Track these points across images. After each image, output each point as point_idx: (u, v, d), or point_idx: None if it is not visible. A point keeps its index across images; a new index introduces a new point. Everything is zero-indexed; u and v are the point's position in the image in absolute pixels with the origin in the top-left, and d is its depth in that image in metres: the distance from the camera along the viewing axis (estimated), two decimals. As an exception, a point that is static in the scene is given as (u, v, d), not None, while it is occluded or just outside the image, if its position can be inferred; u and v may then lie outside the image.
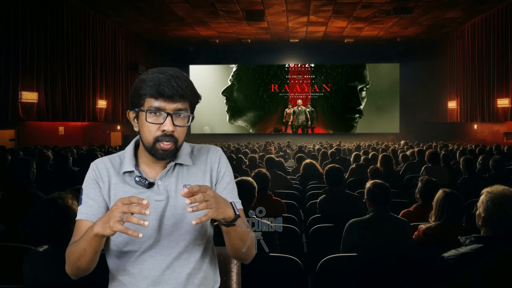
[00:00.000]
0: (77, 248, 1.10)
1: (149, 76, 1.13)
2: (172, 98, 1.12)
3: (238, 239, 1.16)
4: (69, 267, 1.15)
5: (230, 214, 1.07)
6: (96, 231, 1.01)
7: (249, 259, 1.26)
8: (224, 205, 1.05)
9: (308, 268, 2.54)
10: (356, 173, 5.28)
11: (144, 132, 1.16)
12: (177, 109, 1.14)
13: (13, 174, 3.32)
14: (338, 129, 19.14)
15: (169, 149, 1.15)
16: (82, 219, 1.18)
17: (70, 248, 1.15)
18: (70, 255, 1.14)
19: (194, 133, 18.49)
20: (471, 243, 1.71)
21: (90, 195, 1.20)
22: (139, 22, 13.72)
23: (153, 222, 1.19)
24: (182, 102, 1.14)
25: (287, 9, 12.10)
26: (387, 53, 18.04)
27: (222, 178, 1.29)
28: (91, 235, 1.03)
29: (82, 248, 1.08)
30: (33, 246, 1.96)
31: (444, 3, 11.44)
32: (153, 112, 1.13)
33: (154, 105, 1.12)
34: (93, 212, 1.18)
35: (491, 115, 12.44)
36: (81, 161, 6.23)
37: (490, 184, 1.80)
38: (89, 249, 1.07)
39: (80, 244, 1.09)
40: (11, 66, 9.06)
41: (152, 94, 1.12)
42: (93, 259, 1.11)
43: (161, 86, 1.11)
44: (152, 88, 1.12)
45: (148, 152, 1.18)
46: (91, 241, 1.05)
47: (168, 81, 1.11)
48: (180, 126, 1.16)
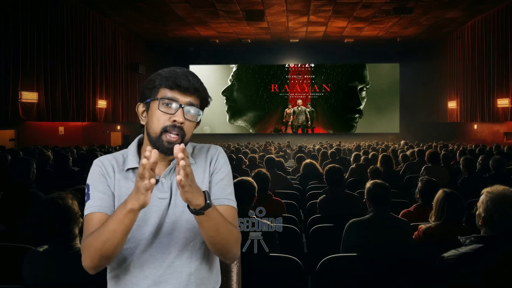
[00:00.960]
0: (104, 231, 1.05)
1: (165, 70, 1.18)
2: (187, 91, 1.15)
3: (212, 230, 1.11)
4: (90, 258, 1.09)
5: (199, 202, 1.02)
6: (132, 206, 0.99)
7: (230, 257, 1.21)
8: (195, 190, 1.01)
9: (308, 268, 2.54)
10: (356, 173, 5.28)
11: (153, 122, 1.16)
12: (189, 103, 1.16)
13: (13, 174, 3.32)
14: (338, 129, 19.15)
15: (175, 142, 1.15)
16: (95, 212, 1.16)
17: (90, 237, 1.10)
18: (92, 242, 1.08)
19: (194, 133, 18.06)
20: (471, 243, 1.71)
21: (99, 188, 1.19)
22: (139, 22, 13.72)
23: (154, 220, 1.19)
24: (195, 97, 1.17)
25: (287, 9, 12.10)
26: (387, 53, 18.05)
27: (217, 173, 1.27)
28: (124, 212, 1.01)
29: (111, 230, 1.04)
30: (33, 246, 1.96)
31: (444, 3, 11.44)
32: (166, 102, 1.15)
33: (168, 95, 1.15)
34: (105, 204, 1.17)
35: (491, 115, 12.44)
36: (81, 161, 6.24)
37: (490, 184, 1.81)
38: (121, 228, 1.03)
39: (108, 226, 1.05)
40: (11, 66, 9.06)
41: (168, 85, 1.15)
42: (122, 241, 1.06)
43: (178, 78, 1.15)
44: (168, 80, 1.15)
45: (153, 144, 1.17)
46: (123, 219, 1.02)
47: (185, 75, 1.16)
48: (190, 121, 1.18)
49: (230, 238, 1.15)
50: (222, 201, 1.24)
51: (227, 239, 1.15)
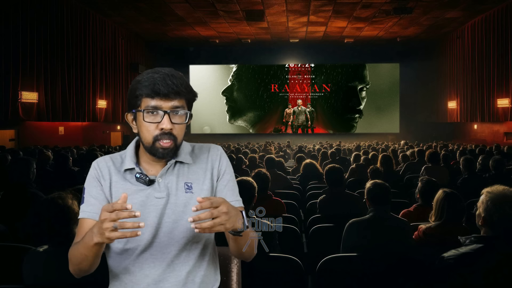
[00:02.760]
0: (78, 253, 1.10)
1: (144, 77, 1.15)
2: (168, 96, 1.13)
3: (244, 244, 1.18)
4: (72, 268, 1.16)
5: (239, 225, 1.07)
6: (96, 240, 1.00)
7: (251, 257, 1.28)
8: (235, 217, 1.05)
9: (308, 268, 2.54)
10: (356, 173, 5.28)
11: (143, 133, 1.17)
12: (173, 107, 1.15)
13: (13, 174, 3.32)
14: (338, 129, 19.14)
15: (169, 147, 1.16)
16: (85, 218, 1.19)
17: (72, 249, 1.15)
18: (72, 257, 1.14)
19: (194, 133, 18.48)
20: (471, 243, 1.71)
21: (92, 193, 1.21)
22: (139, 22, 13.72)
23: (153, 220, 1.19)
24: (178, 100, 1.15)
25: (287, 9, 12.10)
26: (387, 53, 18.04)
27: (223, 176, 1.29)
28: (91, 243, 1.02)
29: (83, 253, 1.08)
30: (33, 246, 1.96)
31: (444, 3, 11.44)
32: (150, 111, 1.14)
33: (150, 104, 1.14)
34: (95, 211, 1.19)
35: (491, 115, 12.44)
36: (81, 161, 6.23)
37: (490, 184, 1.80)
38: (90, 255, 1.08)
39: (81, 250, 1.09)
40: (11, 66, 9.06)
41: (148, 94, 1.13)
42: (94, 262, 1.12)
43: (156, 85, 1.12)
44: (147, 88, 1.13)
45: (149, 152, 1.19)
46: (91, 249, 1.05)
47: (163, 79, 1.12)
48: (178, 124, 1.16)
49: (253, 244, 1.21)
50: (234, 203, 1.26)
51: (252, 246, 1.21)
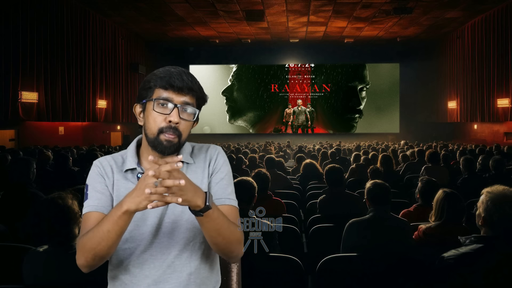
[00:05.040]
0: (98, 231, 1.05)
1: (160, 70, 1.18)
2: (182, 90, 1.15)
3: (213, 231, 1.11)
4: (84, 257, 1.09)
5: (198, 203, 1.03)
6: (127, 207, 0.99)
7: (234, 256, 1.22)
8: (193, 192, 1.01)
9: (308, 268, 2.54)
10: (356, 173, 5.28)
11: (150, 123, 1.17)
12: (184, 102, 1.16)
13: (13, 174, 3.32)
14: (338, 129, 19.14)
15: (173, 141, 1.15)
16: (92, 211, 1.17)
17: (85, 237, 1.10)
18: (87, 241, 1.08)
19: (194, 133, 18.46)
20: (471, 243, 1.71)
21: (97, 188, 1.21)
22: (139, 22, 13.72)
23: (153, 220, 1.19)
24: (190, 96, 1.17)
25: (287, 9, 12.10)
26: (387, 53, 18.04)
27: (217, 173, 1.28)
28: (118, 213, 1.00)
29: (105, 230, 1.04)
30: (33, 246, 1.96)
31: (444, 3, 11.44)
32: (161, 102, 1.15)
33: (163, 95, 1.15)
34: (102, 204, 1.18)
35: (491, 115, 12.44)
36: (81, 161, 6.23)
37: (490, 184, 1.80)
38: (115, 229, 1.03)
39: (103, 226, 1.04)
40: (11, 66, 9.06)
41: (162, 85, 1.15)
42: (115, 242, 1.07)
43: (172, 78, 1.14)
44: (162, 80, 1.15)
45: (151, 145, 1.18)
46: (118, 221, 1.02)
47: (179, 74, 1.15)
48: (185, 120, 1.17)
49: (232, 238, 1.16)
50: (223, 201, 1.24)
51: (229, 239, 1.15)
